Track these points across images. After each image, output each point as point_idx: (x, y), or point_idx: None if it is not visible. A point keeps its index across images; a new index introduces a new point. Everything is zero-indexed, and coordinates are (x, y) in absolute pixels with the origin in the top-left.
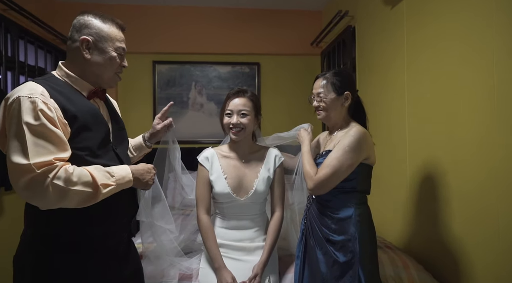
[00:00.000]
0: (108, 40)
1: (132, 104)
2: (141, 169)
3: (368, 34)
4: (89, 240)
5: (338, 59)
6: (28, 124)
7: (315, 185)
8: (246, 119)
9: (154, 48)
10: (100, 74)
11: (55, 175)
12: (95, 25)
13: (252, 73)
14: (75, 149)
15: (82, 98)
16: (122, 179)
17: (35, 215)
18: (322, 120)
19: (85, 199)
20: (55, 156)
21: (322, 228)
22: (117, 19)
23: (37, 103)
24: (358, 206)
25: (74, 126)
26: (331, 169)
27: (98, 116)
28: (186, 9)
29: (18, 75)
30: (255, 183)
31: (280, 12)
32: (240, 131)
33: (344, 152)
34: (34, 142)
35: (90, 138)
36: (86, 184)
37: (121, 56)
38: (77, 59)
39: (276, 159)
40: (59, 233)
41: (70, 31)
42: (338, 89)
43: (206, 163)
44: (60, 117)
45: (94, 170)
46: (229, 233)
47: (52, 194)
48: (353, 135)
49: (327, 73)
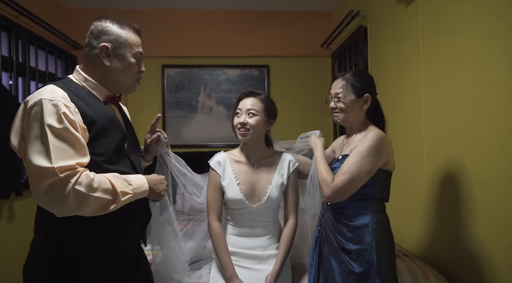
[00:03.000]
0: (126, 46)
1: (141, 108)
2: (155, 180)
3: (381, 34)
4: (102, 249)
5: (349, 60)
6: (51, 126)
7: (332, 192)
8: (254, 120)
9: (163, 52)
10: (120, 81)
11: (77, 181)
12: (114, 31)
13: (262, 76)
14: (92, 154)
15: (99, 103)
16: (139, 188)
17: (47, 223)
18: (339, 123)
19: (103, 206)
20: (77, 161)
21: (337, 236)
22: (134, 24)
23: (59, 106)
24: (376, 214)
25: (92, 131)
26: (348, 175)
27: (115, 121)
28: (195, 13)
29: (29, 81)
30: (268, 189)
31: (289, 14)
32: (246, 131)
33: (362, 157)
34: (57, 145)
35: (107, 144)
36: (106, 191)
37: (139, 62)
38: (96, 65)
39: (290, 165)
40: (72, 242)
41: (87, 37)
42: (358, 91)
43: (218, 168)
44: (80, 122)
45: (113, 177)
46: (240, 240)
47: (73, 200)
48: (371, 139)
49: (346, 74)
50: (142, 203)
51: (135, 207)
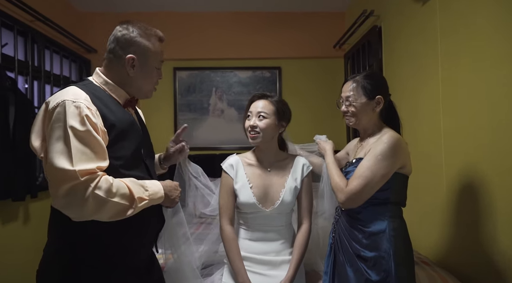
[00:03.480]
0: (152, 58)
1: (153, 110)
2: (169, 186)
3: (396, 33)
4: (118, 254)
5: (363, 61)
6: (73, 128)
7: (346, 198)
8: (264, 123)
9: (175, 54)
10: (141, 87)
11: (97, 185)
12: (141, 43)
13: (273, 78)
14: (111, 158)
15: (119, 106)
16: (155, 195)
17: (61, 227)
18: (351, 126)
19: (120, 212)
20: (97, 164)
21: (352, 242)
22: (159, 32)
23: (82, 108)
24: (392, 220)
25: (112, 134)
26: (363, 180)
27: (134, 125)
28: (206, 15)
29: (44, 84)
30: (282, 193)
31: (301, 15)
32: (256, 134)
33: (377, 160)
34: (78, 148)
35: (126, 148)
36: (123, 196)
37: (159, 70)
38: (119, 72)
39: (304, 168)
40: (87, 248)
41: (112, 43)
42: (369, 93)
43: (230, 171)
44: (100, 125)
45: (130, 182)
46: (253, 245)
47: (91, 204)
48: (386, 141)
49: (357, 76)
50: (157, 209)
51: (150, 213)
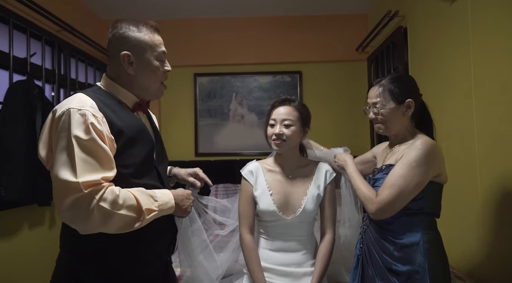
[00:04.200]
0: (147, 49)
1: (174, 117)
2: (181, 195)
3: (423, 34)
4: (129, 266)
5: (387, 63)
6: (77, 138)
7: (378, 208)
8: (290, 130)
9: (195, 60)
10: (147, 86)
11: (102, 197)
12: (132, 37)
13: (294, 82)
14: (120, 166)
15: (127, 111)
16: (165, 205)
17: (72, 239)
18: (381, 133)
19: (127, 224)
20: (102, 175)
21: (383, 255)
22: (150, 21)
23: (87, 115)
24: (426, 231)
25: (120, 141)
26: (395, 189)
27: (144, 131)
28: (225, 21)
29: (70, 92)
30: (303, 201)
31: (322, 18)
32: (282, 142)
33: (411, 168)
34: (82, 158)
35: (135, 155)
36: (130, 208)
37: (162, 62)
38: (120, 73)
39: (327, 175)
40: (98, 260)
41: (107, 46)
42: (397, 97)
43: (250, 178)
44: (107, 132)
45: (138, 193)
46: (274, 255)
47: (96, 217)
48: (420, 147)
49: (383, 80)
50: (168, 218)
51: (161, 223)
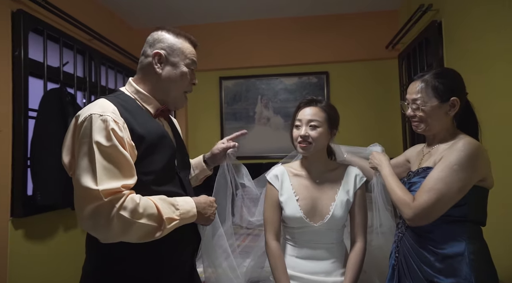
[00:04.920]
0: (180, 54)
1: (200, 121)
2: (203, 203)
3: (460, 28)
4: (154, 274)
5: (420, 61)
6: (98, 144)
7: (415, 214)
8: (316, 132)
9: (220, 64)
10: (170, 90)
11: (122, 205)
12: (168, 39)
13: (321, 83)
14: (141, 173)
15: (149, 116)
16: (187, 214)
17: (96, 246)
18: (419, 132)
19: (148, 233)
20: (123, 182)
21: (423, 266)
22: (190, 35)
23: (108, 121)
24: (472, 241)
25: (141, 148)
26: (435, 193)
27: (165, 137)
28: (249, 23)
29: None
30: (332, 207)
31: (349, 16)
32: (307, 145)
33: (452, 171)
34: (103, 165)
35: (156, 162)
36: (151, 217)
37: (192, 72)
38: (148, 74)
39: (357, 180)
40: (121, 268)
41: (143, 47)
42: (441, 95)
43: (275, 182)
44: (128, 139)
45: (159, 201)
46: (301, 263)
47: (116, 226)
48: (463, 149)
49: (426, 74)
50: (191, 227)
51: (183, 231)
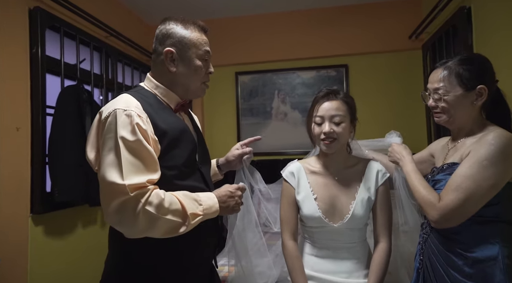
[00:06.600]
0: (191, 47)
1: (216, 116)
2: (223, 196)
3: (491, 14)
4: (176, 271)
5: (447, 50)
6: (124, 139)
7: (441, 215)
8: (341, 127)
9: (236, 59)
10: (188, 85)
11: (147, 200)
12: (177, 33)
13: (339, 76)
14: (163, 167)
15: (169, 111)
16: (209, 209)
17: (121, 240)
18: (442, 124)
19: (173, 229)
20: (148, 177)
21: (450, 270)
22: (199, 21)
23: (133, 116)
24: (506, 244)
25: (164, 143)
26: (463, 192)
27: (186, 132)
28: (264, 17)
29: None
30: (352, 206)
31: (369, 6)
32: (333, 141)
33: (482, 167)
34: (129, 160)
35: (179, 156)
36: (176, 212)
37: (206, 62)
38: (163, 71)
39: (379, 176)
40: (145, 263)
41: (153, 43)
42: (466, 83)
43: (291, 180)
44: (151, 133)
45: (183, 197)
46: (320, 263)
47: (142, 220)
48: (493, 143)
49: (449, 61)
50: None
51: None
